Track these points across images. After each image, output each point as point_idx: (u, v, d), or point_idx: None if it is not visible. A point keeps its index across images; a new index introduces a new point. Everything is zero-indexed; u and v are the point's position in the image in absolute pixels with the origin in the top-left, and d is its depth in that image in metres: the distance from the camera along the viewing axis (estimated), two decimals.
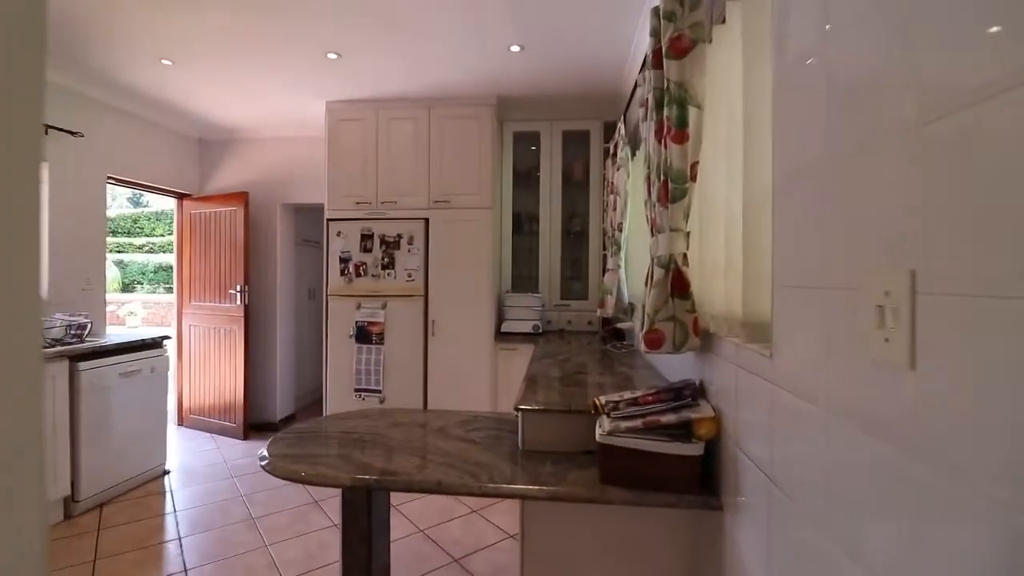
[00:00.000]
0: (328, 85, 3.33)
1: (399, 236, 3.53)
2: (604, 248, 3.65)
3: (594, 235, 3.75)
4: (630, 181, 2.80)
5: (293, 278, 4.64)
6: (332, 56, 2.86)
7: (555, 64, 3.05)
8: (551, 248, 3.79)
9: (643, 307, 1.64)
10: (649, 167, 1.71)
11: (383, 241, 3.54)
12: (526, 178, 3.94)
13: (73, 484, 2.78)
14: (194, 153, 4.50)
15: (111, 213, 17.56)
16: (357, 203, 3.58)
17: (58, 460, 2.68)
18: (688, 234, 1.49)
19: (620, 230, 2.85)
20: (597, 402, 1.51)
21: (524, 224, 3.95)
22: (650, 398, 1.48)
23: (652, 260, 1.56)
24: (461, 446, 1.68)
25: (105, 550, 2.47)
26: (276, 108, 3.77)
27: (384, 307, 3.54)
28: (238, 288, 4.09)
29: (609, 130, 3.65)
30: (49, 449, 2.64)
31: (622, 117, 2.87)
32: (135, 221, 14.01)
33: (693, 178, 1.45)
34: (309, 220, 4.86)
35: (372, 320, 3.55)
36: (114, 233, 17.14)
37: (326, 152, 3.63)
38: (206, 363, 4.32)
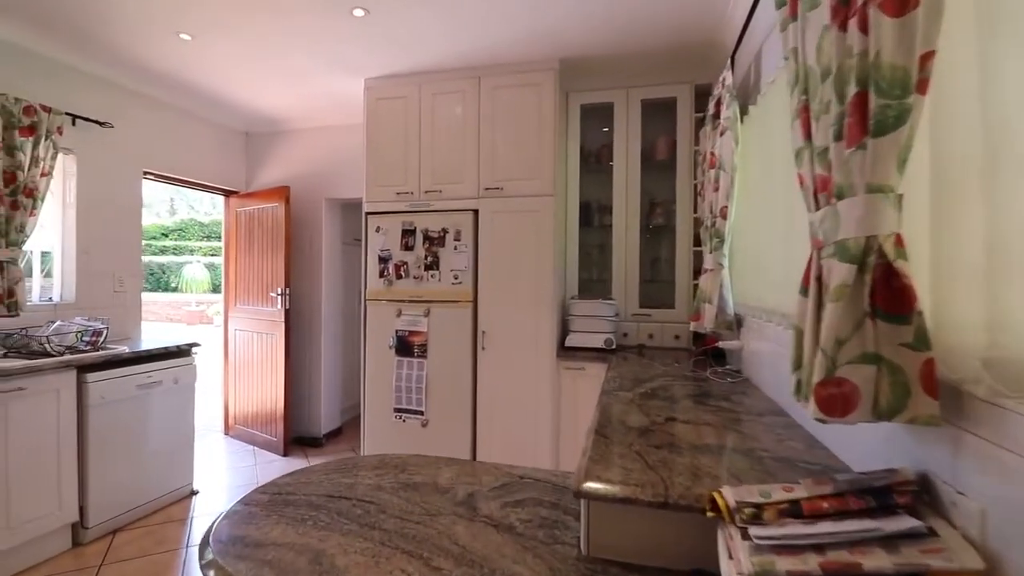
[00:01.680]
0: (363, 58, 2.86)
1: (444, 231, 2.99)
2: (698, 243, 2.90)
3: (682, 228, 3.01)
4: (739, 151, 2.07)
5: (340, 281, 4.26)
6: (359, 12, 2.37)
7: (632, 12, 2.38)
8: (627, 244, 3.09)
9: (798, 333, 0.96)
10: (806, 86, 1.01)
11: (426, 237, 3.02)
12: (596, 160, 3.27)
13: (82, 509, 2.48)
14: (240, 148, 4.26)
15: (205, 219, 18.89)
16: (398, 193, 3.09)
17: (63, 481, 2.39)
18: (901, 198, 0.79)
19: (724, 216, 2.12)
20: (722, 501, 0.85)
21: (594, 215, 3.28)
22: (826, 505, 0.80)
23: (816, 251, 0.88)
24: (491, 538, 1.07)
25: None
26: (313, 90, 3.38)
27: (427, 314, 3.02)
28: (279, 291, 3.75)
29: (702, 96, 2.91)
30: (52, 469, 2.35)
31: (728, 63, 2.13)
32: None
33: (922, 89, 0.75)
34: (357, 217, 4.48)
35: (414, 329, 3.04)
36: (207, 237, 18.33)
37: (363, 134, 3.17)
38: (249, 370, 4.04)
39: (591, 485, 1.02)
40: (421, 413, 3.03)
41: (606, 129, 3.23)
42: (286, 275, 3.72)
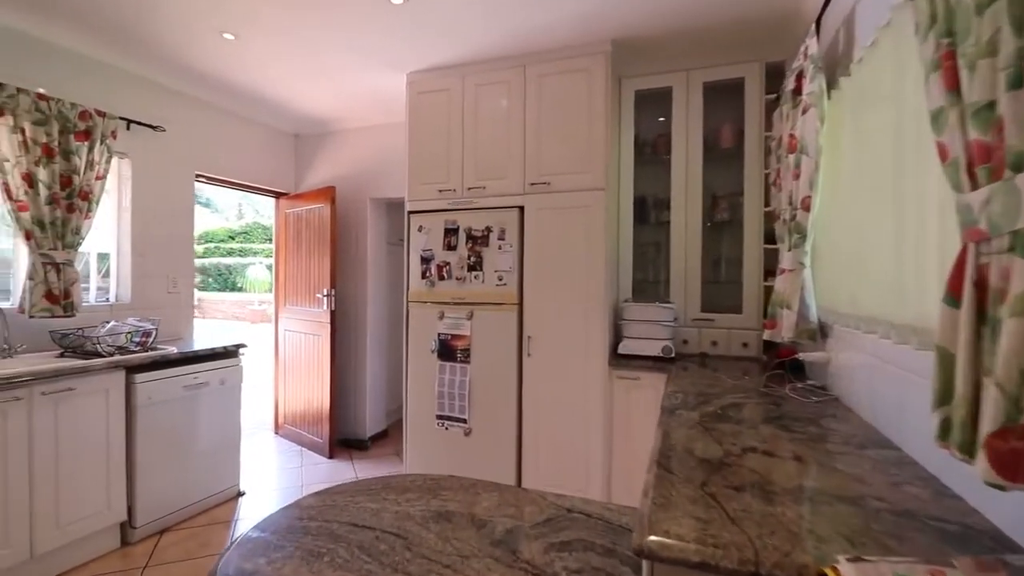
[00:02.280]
0: (404, 50, 2.75)
1: (488, 229, 2.82)
2: (769, 240, 2.59)
3: (751, 223, 2.69)
4: (825, 130, 1.78)
5: (385, 282, 4.20)
6: (397, 0, 2.24)
7: None
8: (687, 242, 2.81)
9: (944, 357, 0.71)
10: (949, 26, 0.76)
11: (469, 236, 2.87)
12: (652, 150, 3.01)
13: (130, 509, 2.50)
14: (290, 149, 4.29)
15: (268, 222, 19.77)
16: (440, 191, 2.96)
17: (111, 481, 2.41)
18: None
19: (807, 208, 1.83)
20: None
21: (650, 211, 3.01)
22: None
23: (974, 245, 0.63)
24: None
25: None
26: (356, 88, 3.31)
27: (470, 317, 2.86)
28: (325, 292, 3.73)
29: (774, 75, 2.60)
30: (102, 468, 2.37)
31: (812, 29, 1.84)
32: None
33: None
34: (402, 217, 4.41)
35: (456, 333, 2.90)
36: (270, 240, 19.20)
37: (406, 132, 3.06)
38: (297, 370, 4.05)
39: (656, 540, 0.81)
40: (464, 421, 2.88)
41: (662, 119, 2.96)
42: (332, 276, 3.69)
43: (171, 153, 3.25)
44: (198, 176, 3.49)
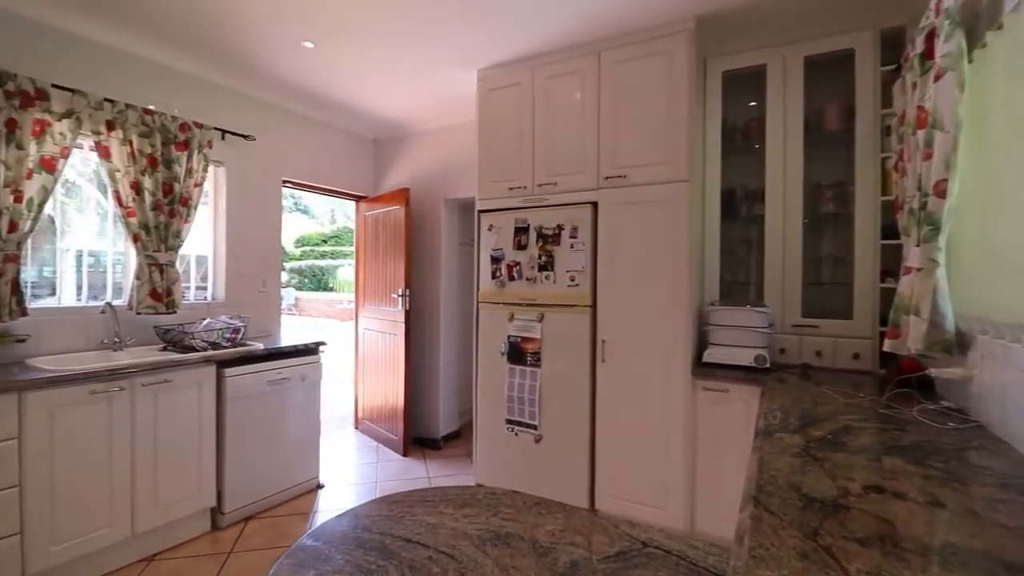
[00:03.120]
0: (475, 45, 2.69)
1: (559, 227, 2.69)
2: (888, 234, 2.23)
3: (864, 215, 2.33)
4: (965, 99, 1.47)
5: (458, 282, 4.20)
6: None
7: None
8: (785, 238, 2.50)
9: None
10: None
11: (540, 234, 2.75)
12: (743, 137, 2.72)
13: (219, 495, 2.65)
14: (369, 154, 4.42)
15: None
16: (510, 189, 2.87)
17: (203, 468, 2.56)
18: None
19: (941, 195, 1.52)
20: None
21: (740, 204, 2.73)
22: None
23: None
24: None
25: None
26: (429, 89, 3.31)
27: (540, 319, 2.75)
28: (400, 292, 3.78)
29: (892, 43, 2.24)
30: (195, 456, 2.53)
31: None
32: None
33: None
34: (474, 218, 4.40)
35: (526, 335, 2.80)
36: None
37: (477, 131, 3.01)
38: (375, 368, 4.15)
39: None
40: (534, 427, 2.77)
41: (754, 103, 2.66)
42: (406, 276, 3.73)
43: (261, 160, 3.45)
44: (285, 182, 3.68)
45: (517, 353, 2.83)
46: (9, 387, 1.90)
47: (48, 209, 2.42)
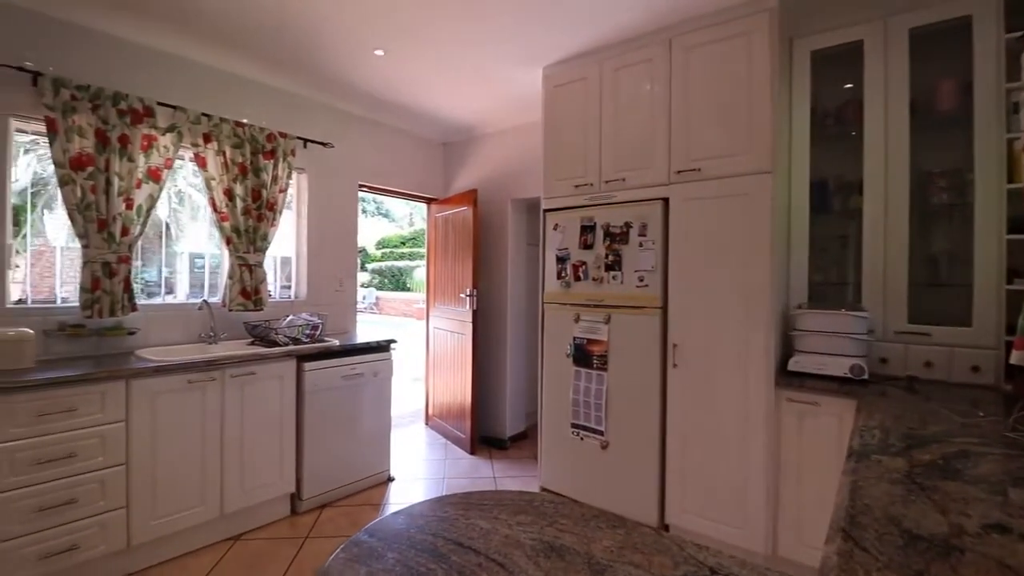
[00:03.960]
0: (540, 41, 2.64)
1: (627, 225, 2.58)
2: (1016, 228, 1.91)
3: (986, 206, 2.02)
4: None
5: (524, 283, 4.18)
6: None
7: None
8: (887, 234, 2.23)
9: None
10: None
11: (607, 233, 2.65)
12: (836, 122, 2.45)
13: (298, 482, 2.81)
14: (439, 157, 4.52)
15: None
16: (576, 187, 2.80)
17: (284, 456, 2.73)
18: None
19: None
20: None
21: (831, 197, 2.47)
22: None
23: None
24: None
25: (297, 569, 2.31)
26: (496, 90, 3.30)
27: (607, 321, 2.65)
28: (467, 292, 3.83)
29: (1020, 6, 1.91)
30: (276, 444, 2.69)
31: None
32: None
33: None
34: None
35: (592, 337, 2.71)
36: None
37: (542, 130, 2.97)
38: (444, 367, 4.24)
39: None
40: (600, 433, 2.67)
41: (850, 84, 2.40)
42: (474, 276, 3.77)
43: (338, 166, 3.63)
44: (361, 186, 3.85)
45: (583, 355, 2.75)
46: (119, 375, 2.13)
47: (164, 216, 2.69)
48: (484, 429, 4.06)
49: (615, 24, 2.46)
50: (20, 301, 2.42)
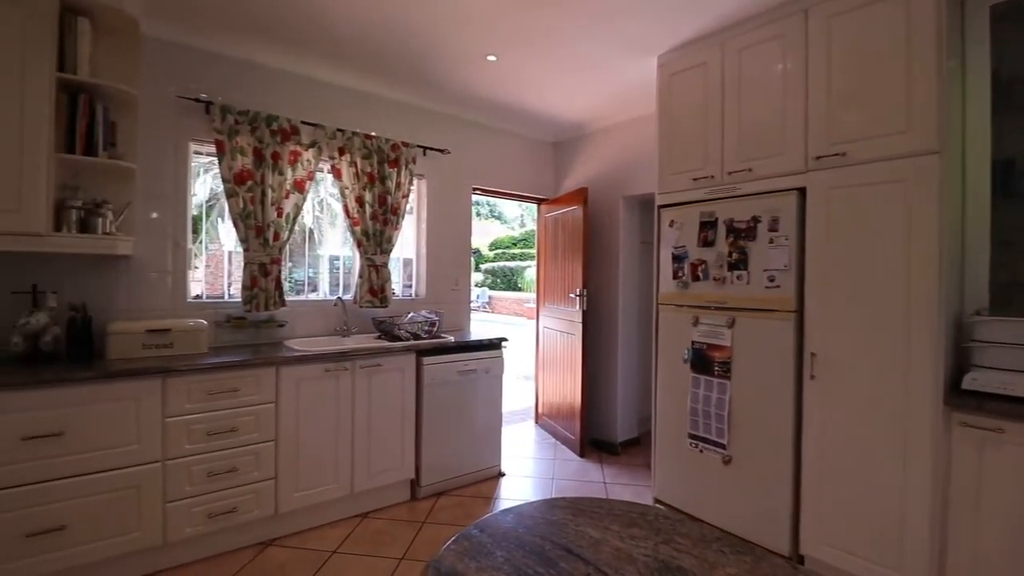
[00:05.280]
0: (654, 30, 2.52)
1: (754, 220, 2.35)
2: None
3: None
4: None
5: (637, 283, 4.02)
6: None
7: None
8: None
9: None
10: None
11: (730, 229, 2.44)
12: None
13: (417, 469, 2.98)
14: (549, 157, 4.53)
15: None
16: (694, 180, 2.61)
17: (405, 444, 2.91)
18: None
19: None
20: None
21: (1020, 179, 2.01)
22: None
23: None
24: None
25: (414, 552, 2.46)
26: (607, 86, 3.22)
27: (731, 325, 2.44)
28: (577, 292, 3.78)
29: None
30: (398, 432, 2.89)
31: None
32: None
33: None
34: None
35: (713, 342, 2.51)
36: None
37: (656, 122, 2.82)
38: (554, 367, 4.24)
39: None
40: (722, 447, 2.47)
41: None
42: (584, 276, 3.71)
43: (454, 171, 3.80)
44: (474, 189, 3.99)
45: (702, 361, 2.56)
46: (270, 362, 2.43)
47: (308, 222, 3.03)
48: (594, 432, 3.98)
49: (738, 1, 2.26)
50: (198, 296, 2.89)
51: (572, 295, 3.85)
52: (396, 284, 3.72)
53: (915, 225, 1.88)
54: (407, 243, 3.74)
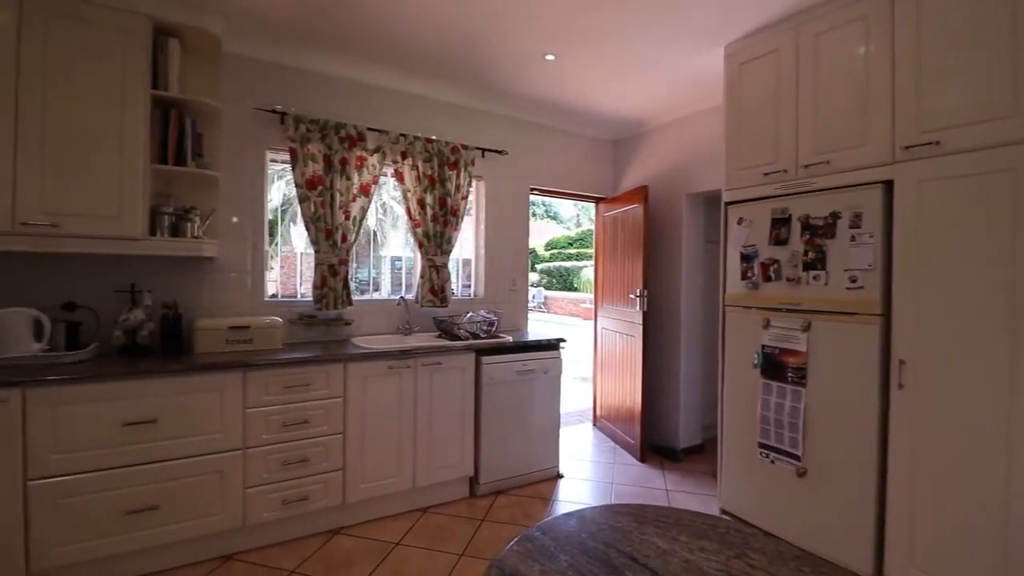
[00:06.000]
0: (718, 18, 2.41)
1: (833, 216, 2.19)
2: None
3: None
4: None
5: (701, 283, 3.87)
6: None
7: None
8: None
9: None
10: None
11: (806, 226, 2.29)
12: None
13: (476, 467, 3.02)
14: (608, 156, 4.45)
15: None
16: (765, 174, 2.48)
17: (464, 442, 2.96)
18: None
19: None
20: None
21: None
22: None
23: None
24: None
25: (474, 548, 2.49)
26: (669, 80, 3.12)
27: (806, 328, 2.29)
28: (637, 292, 3.69)
29: None
30: (458, 430, 2.93)
31: None
32: None
33: None
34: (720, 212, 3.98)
35: (786, 347, 2.37)
36: None
37: (724, 115, 2.70)
38: (613, 369, 4.16)
39: None
40: (796, 458, 2.32)
41: None
42: (644, 276, 3.62)
43: (511, 172, 3.81)
44: (532, 189, 3.99)
45: (774, 367, 2.42)
46: (339, 358, 2.54)
47: (372, 225, 3.15)
48: (655, 437, 3.87)
49: None
50: (273, 295, 3.07)
51: (632, 295, 3.76)
52: (455, 284, 3.79)
53: (1022, 219, 1.68)
54: (466, 244, 3.80)
